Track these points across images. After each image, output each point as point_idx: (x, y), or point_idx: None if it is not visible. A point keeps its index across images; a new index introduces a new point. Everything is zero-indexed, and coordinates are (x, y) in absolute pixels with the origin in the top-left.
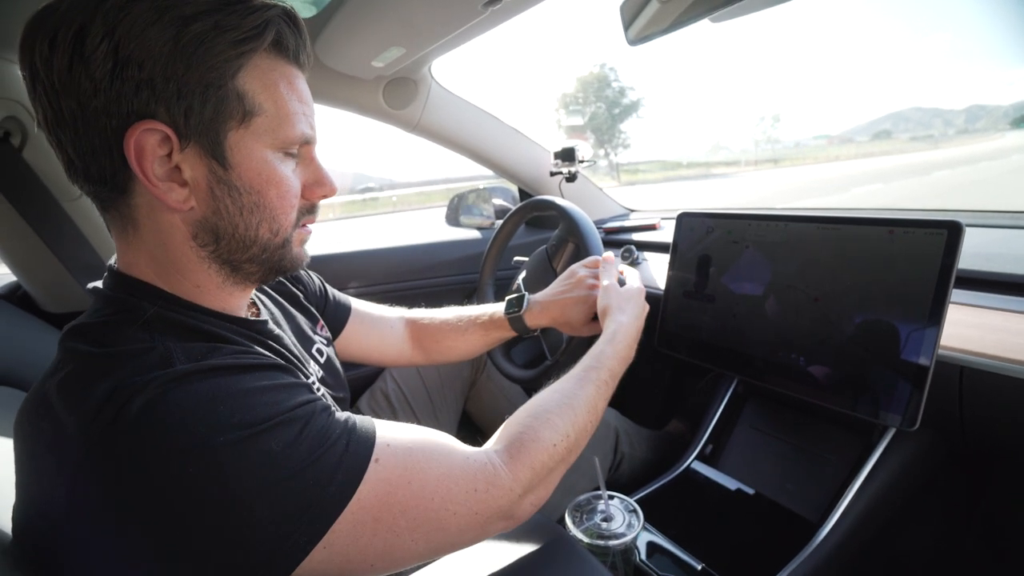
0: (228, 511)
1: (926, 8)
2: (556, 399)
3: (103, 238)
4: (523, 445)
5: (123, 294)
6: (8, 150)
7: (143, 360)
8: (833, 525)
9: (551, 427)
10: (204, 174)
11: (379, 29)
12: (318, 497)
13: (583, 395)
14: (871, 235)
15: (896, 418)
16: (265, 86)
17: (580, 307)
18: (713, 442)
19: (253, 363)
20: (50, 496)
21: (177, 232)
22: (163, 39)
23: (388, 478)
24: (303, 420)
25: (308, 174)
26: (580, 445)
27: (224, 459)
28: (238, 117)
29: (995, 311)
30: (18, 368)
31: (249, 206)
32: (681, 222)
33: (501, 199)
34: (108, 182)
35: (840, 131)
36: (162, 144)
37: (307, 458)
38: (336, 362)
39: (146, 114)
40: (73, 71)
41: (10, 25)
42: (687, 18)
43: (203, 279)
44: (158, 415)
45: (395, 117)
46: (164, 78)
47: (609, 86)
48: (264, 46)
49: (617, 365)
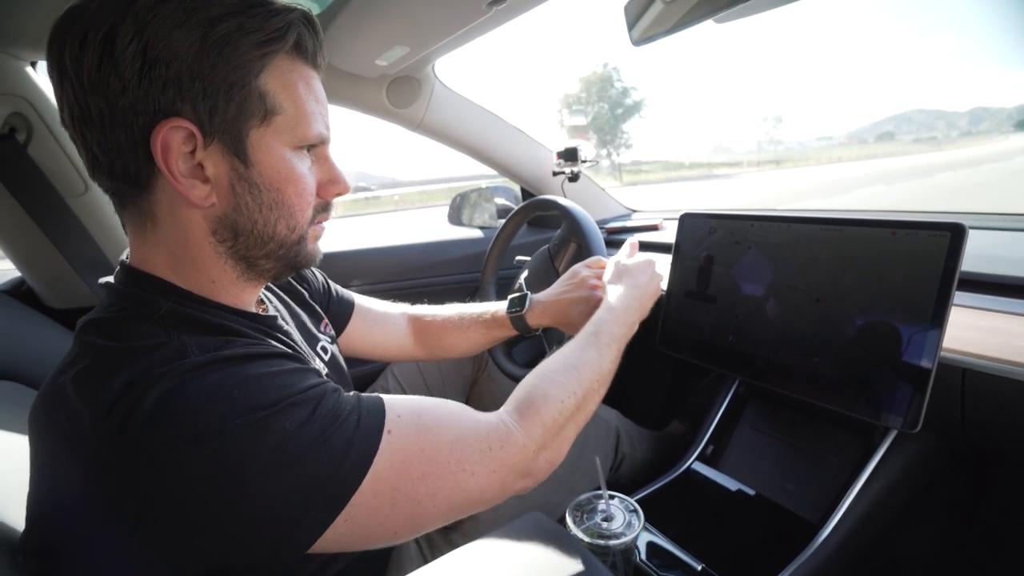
0: (246, 491)
1: (930, 9)
2: (560, 360)
3: (107, 234)
4: (532, 402)
5: (136, 289)
6: (14, 146)
7: (159, 354)
8: (834, 526)
9: (557, 385)
10: (226, 171)
11: (383, 28)
12: (334, 473)
13: (586, 357)
14: (874, 237)
15: (898, 420)
16: (285, 86)
17: (582, 307)
18: (714, 443)
19: (264, 352)
20: (67, 488)
21: (197, 228)
22: (190, 39)
23: (402, 447)
24: (314, 401)
25: (323, 172)
26: (588, 405)
27: (240, 441)
28: (259, 116)
29: (998, 314)
30: (21, 363)
31: (268, 203)
32: (683, 222)
33: (503, 198)
34: (132, 178)
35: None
36: (186, 141)
37: (320, 436)
38: (340, 360)
39: (172, 112)
40: (102, 70)
41: (16, 23)
42: (691, 19)
43: (219, 274)
44: (174, 406)
45: (398, 116)
46: (190, 77)
47: (612, 86)
48: (286, 48)
49: (618, 328)
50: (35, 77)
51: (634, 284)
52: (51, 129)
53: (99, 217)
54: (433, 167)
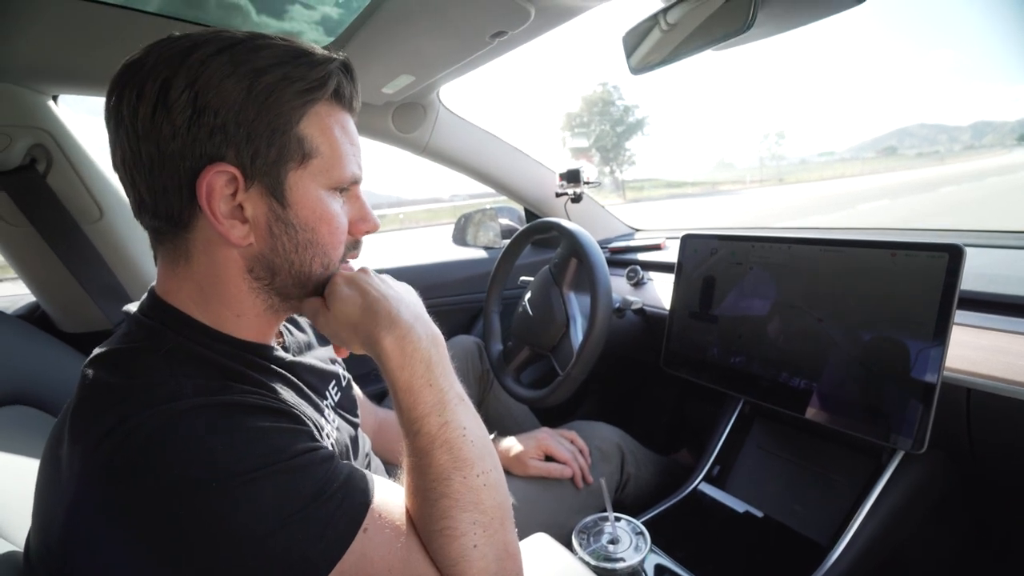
0: (215, 554)
1: (931, 24)
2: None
3: (121, 260)
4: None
5: (155, 321)
6: (34, 176)
7: (151, 393)
8: (844, 548)
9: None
10: (264, 212)
11: (390, 58)
12: (307, 551)
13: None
14: (873, 258)
15: (907, 441)
16: (322, 130)
17: (528, 443)
18: (720, 463)
19: (259, 404)
20: (55, 524)
21: (232, 265)
22: (238, 89)
23: (371, 555)
24: (302, 469)
25: (354, 211)
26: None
27: (215, 504)
28: (297, 159)
29: (1002, 333)
30: (34, 388)
31: (304, 242)
32: (686, 243)
33: (508, 219)
34: (174, 218)
35: (846, 147)
36: (229, 184)
37: (302, 510)
38: (354, 387)
39: (217, 157)
40: (156, 118)
41: (41, 60)
42: (689, 49)
43: (246, 308)
44: (157, 449)
45: (404, 140)
46: (236, 123)
47: (614, 104)
48: (326, 96)
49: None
50: (56, 111)
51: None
52: (69, 159)
53: (113, 243)
54: (438, 186)
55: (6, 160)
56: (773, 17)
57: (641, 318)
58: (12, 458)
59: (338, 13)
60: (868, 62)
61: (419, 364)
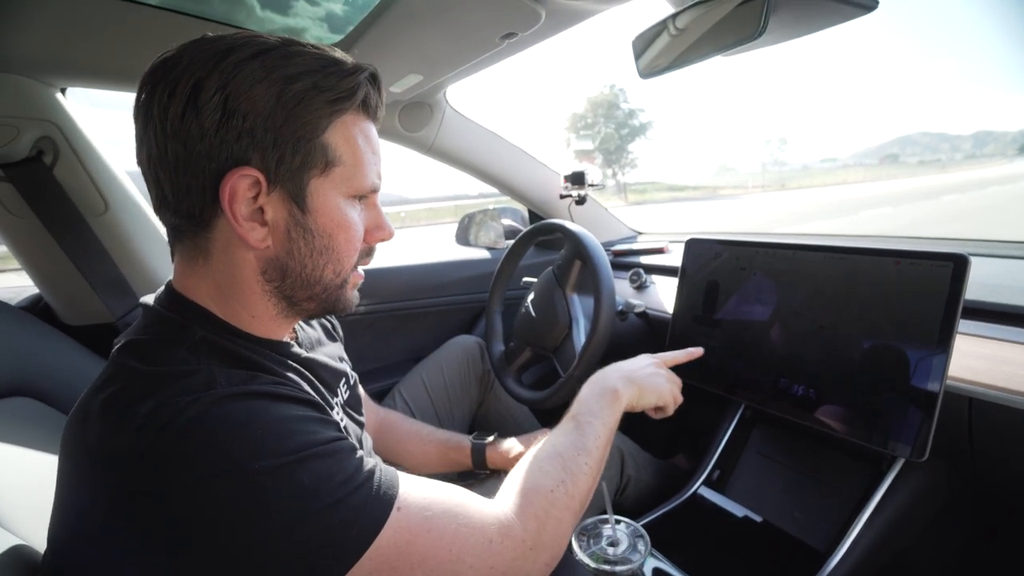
0: (256, 537)
1: (934, 33)
2: (544, 449)
3: (126, 254)
4: (523, 493)
5: (176, 314)
6: (41, 168)
7: (188, 381)
8: (843, 555)
9: (543, 473)
10: (284, 216)
11: (399, 57)
12: (341, 537)
13: (566, 441)
14: (878, 266)
15: (906, 448)
16: (346, 140)
17: (529, 444)
18: (720, 467)
19: (287, 394)
20: (92, 509)
21: (248, 267)
22: (268, 95)
23: (408, 527)
24: (334, 456)
25: (370, 219)
26: (581, 489)
27: (258, 486)
28: (320, 166)
29: (1004, 343)
30: (37, 379)
31: (320, 249)
32: (689, 247)
33: (511, 219)
34: (195, 217)
35: (848, 154)
36: (251, 187)
37: (335, 495)
38: (360, 388)
39: (242, 160)
40: (185, 118)
41: (49, 52)
42: (698, 54)
43: (260, 310)
44: (198, 435)
45: (409, 139)
46: (264, 129)
47: (619, 107)
48: (354, 106)
49: (595, 403)
50: (64, 103)
51: (620, 366)
52: (76, 152)
53: (118, 237)
54: (440, 185)
55: (13, 152)
56: (783, 24)
57: (643, 321)
58: (13, 449)
59: (345, 11)
60: (872, 69)
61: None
